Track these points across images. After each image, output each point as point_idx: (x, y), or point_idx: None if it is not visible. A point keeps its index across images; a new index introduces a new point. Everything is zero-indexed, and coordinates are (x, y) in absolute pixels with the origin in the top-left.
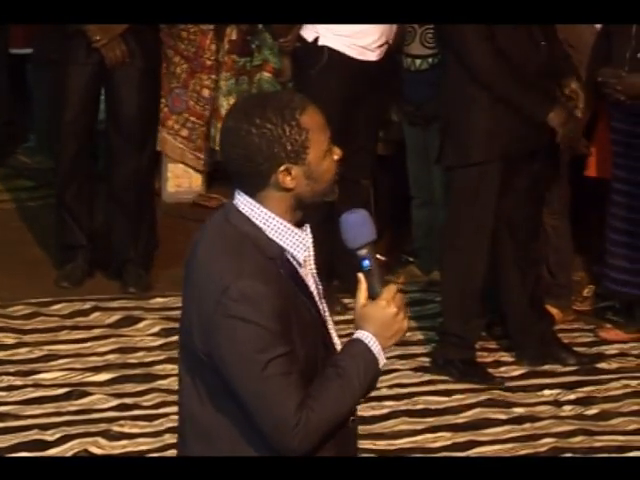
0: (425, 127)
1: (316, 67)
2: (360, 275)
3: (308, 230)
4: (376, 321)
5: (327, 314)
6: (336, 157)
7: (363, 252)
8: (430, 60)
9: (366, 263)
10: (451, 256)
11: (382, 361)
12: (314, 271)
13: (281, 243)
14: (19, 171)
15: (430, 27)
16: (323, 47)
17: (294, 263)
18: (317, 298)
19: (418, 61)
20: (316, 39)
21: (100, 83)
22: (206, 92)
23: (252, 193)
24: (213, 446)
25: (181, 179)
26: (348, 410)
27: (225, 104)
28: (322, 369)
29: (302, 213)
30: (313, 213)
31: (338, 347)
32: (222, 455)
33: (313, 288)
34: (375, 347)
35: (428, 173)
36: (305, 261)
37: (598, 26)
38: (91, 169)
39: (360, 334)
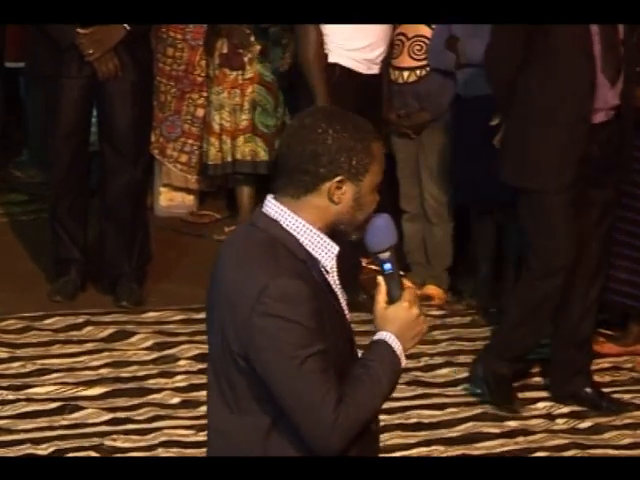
0: (415, 137)
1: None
2: (380, 278)
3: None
4: (400, 322)
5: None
6: (376, 199)
7: (386, 255)
8: (418, 72)
9: (388, 266)
10: (525, 286)
11: (404, 362)
12: (337, 281)
13: (310, 249)
14: (12, 185)
15: (418, 39)
16: (335, 65)
17: (322, 268)
18: (342, 302)
19: (406, 73)
20: (326, 57)
21: (92, 96)
22: (200, 112)
23: (297, 194)
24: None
25: (173, 193)
26: (377, 410)
27: (217, 118)
28: (348, 367)
29: (329, 234)
30: None
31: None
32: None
33: (338, 292)
34: (398, 348)
35: (418, 186)
36: (332, 269)
37: None
38: (84, 183)
39: (384, 335)
